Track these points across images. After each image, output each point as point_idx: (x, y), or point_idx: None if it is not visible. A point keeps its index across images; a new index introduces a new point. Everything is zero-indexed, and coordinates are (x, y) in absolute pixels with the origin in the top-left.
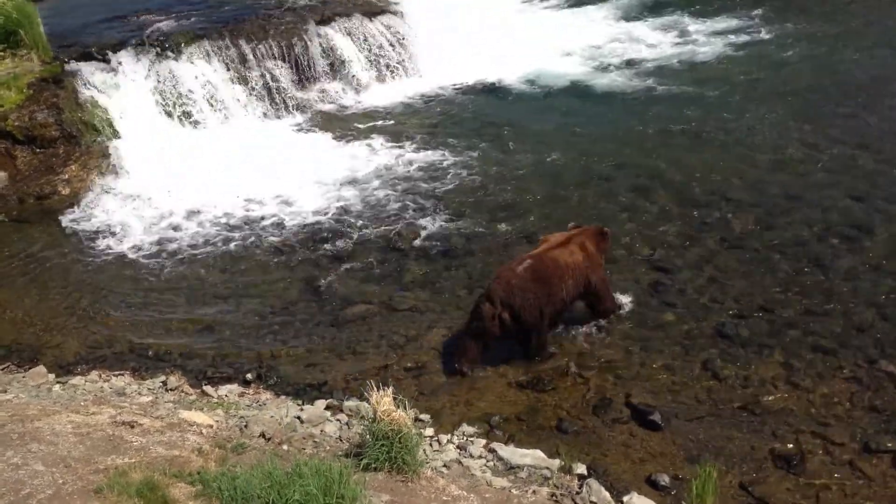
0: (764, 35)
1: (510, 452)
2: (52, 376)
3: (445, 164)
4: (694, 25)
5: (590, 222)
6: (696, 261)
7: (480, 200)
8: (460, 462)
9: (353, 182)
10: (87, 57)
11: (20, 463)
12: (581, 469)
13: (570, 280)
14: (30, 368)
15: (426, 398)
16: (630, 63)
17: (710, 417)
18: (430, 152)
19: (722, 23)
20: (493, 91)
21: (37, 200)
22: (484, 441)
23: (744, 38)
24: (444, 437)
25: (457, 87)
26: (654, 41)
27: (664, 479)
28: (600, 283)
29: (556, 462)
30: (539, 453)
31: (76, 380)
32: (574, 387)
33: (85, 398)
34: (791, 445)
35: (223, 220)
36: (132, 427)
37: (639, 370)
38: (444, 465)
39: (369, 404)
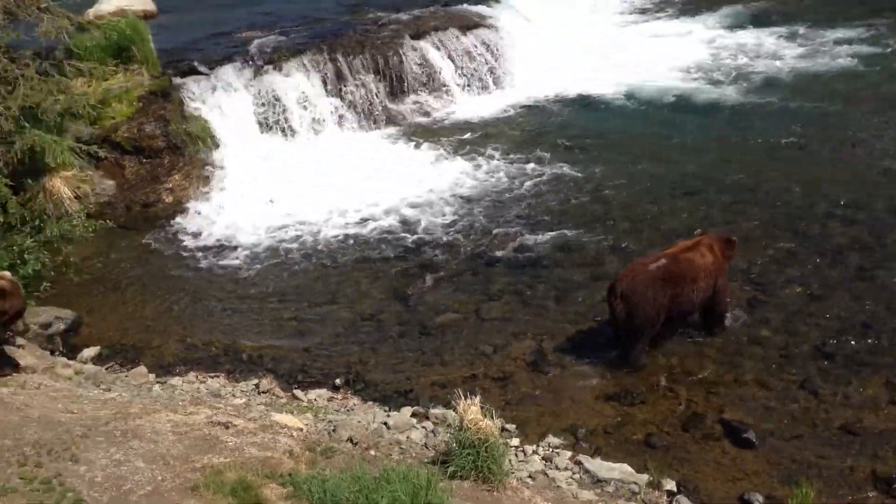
0: (888, 46)
1: (597, 465)
2: (152, 376)
3: (536, 175)
4: (809, 36)
5: (684, 237)
6: (796, 276)
7: (570, 212)
8: (546, 473)
9: (442, 192)
10: (192, 71)
11: (122, 459)
12: (670, 485)
13: (702, 282)
14: (132, 368)
15: (512, 408)
16: (737, 75)
17: (807, 437)
18: (520, 164)
19: (839, 33)
20: (589, 104)
21: (142, 208)
22: (570, 453)
23: (864, 48)
24: (529, 448)
25: (551, 99)
26: (763, 52)
27: (758, 499)
28: (724, 287)
29: (645, 477)
30: (627, 467)
31: (175, 380)
32: (664, 401)
33: (183, 398)
34: (894, 467)
35: (316, 229)
36: (227, 427)
37: (732, 386)
38: (530, 476)
39: (456, 412)
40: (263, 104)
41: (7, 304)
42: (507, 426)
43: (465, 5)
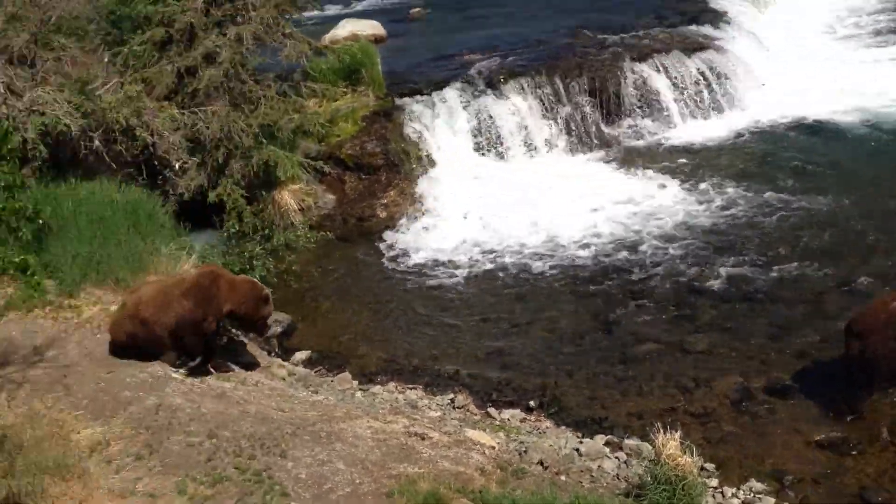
0: None
1: None
2: (355, 383)
3: (756, 204)
4: None
5: None
6: None
7: (794, 244)
8: None
9: (652, 218)
10: (413, 93)
11: (325, 459)
12: None
13: None
14: (337, 374)
15: (712, 447)
16: None
17: None
18: (740, 192)
19: None
20: (821, 130)
21: (357, 221)
22: (773, 500)
23: None
24: (728, 491)
25: (780, 124)
26: None
27: None
28: None
29: None
30: None
31: (376, 388)
32: (885, 454)
33: (382, 407)
34: None
35: (522, 251)
36: (423, 439)
37: None
38: None
39: (652, 446)
40: (480, 125)
41: (266, 310)
42: (706, 465)
43: (692, 26)
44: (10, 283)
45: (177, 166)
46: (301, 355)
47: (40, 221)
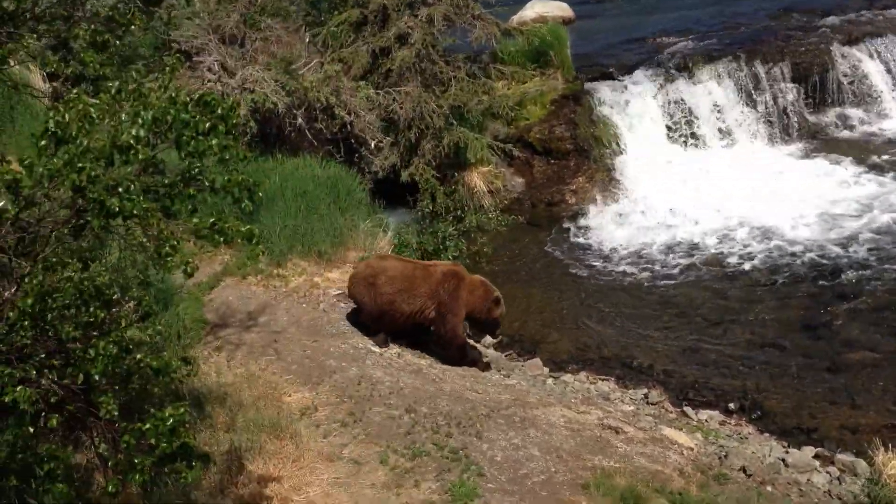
0: None
1: None
2: (546, 370)
3: None
4: None
5: None
6: None
7: None
8: None
9: (864, 216)
10: (603, 76)
11: (520, 444)
12: None
13: None
14: (528, 359)
15: None
16: None
17: None
18: None
19: None
20: None
21: (546, 206)
22: None
23: None
24: None
25: None
26: None
27: None
28: None
29: None
30: None
31: (566, 377)
32: None
33: (574, 396)
34: None
35: (718, 244)
36: (617, 433)
37: None
38: None
39: (870, 463)
40: (672, 111)
41: (498, 312)
42: None
43: None
44: (225, 251)
45: (372, 145)
46: (492, 339)
47: (259, 194)
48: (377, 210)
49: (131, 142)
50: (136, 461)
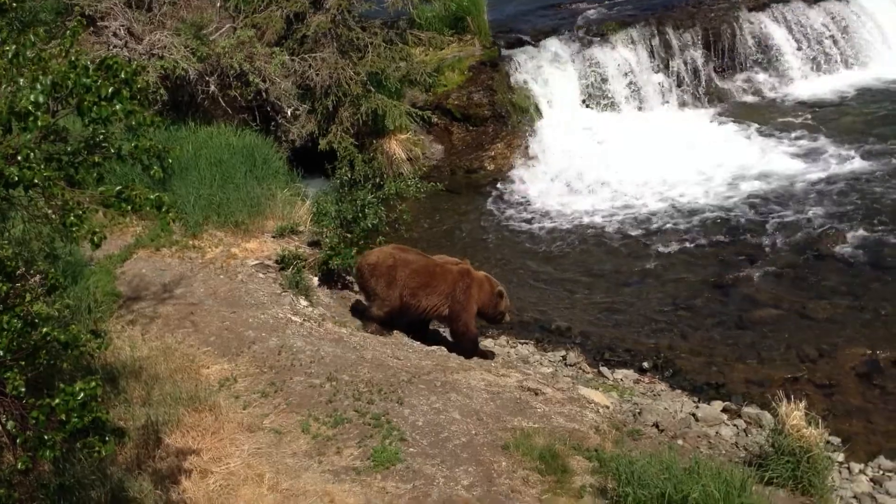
0: None
1: None
2: None
3: (882, 167)
4: None
5: None
6: None
7: None
8: (874, 497)
9: (767, 178)
10: (519, 43)
11: (441, 408)
12: None
13: None
14: None
15: (837, 420)
16: None
17: None
18: (863, 153)
19: None
20: None
21: (465, 173)
22: None
23: None
24: (855, 466)
25: None
26: None
27: None
28: None
29: None
30: None
31: (487, 342)
32: None
33: (495, 360)
34: None
35: (633, 208)
36: (536, 394)
37: None
38: (855, 497)
39: (774, 415)
40: (588, 77)
41: (503, 305)
42: (831, 439)
43: None
44: (138, 223)
45: (288, 113)
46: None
47: (169, 161)
48: (295, 179)
49: (30, 108)
50: (45, 437)
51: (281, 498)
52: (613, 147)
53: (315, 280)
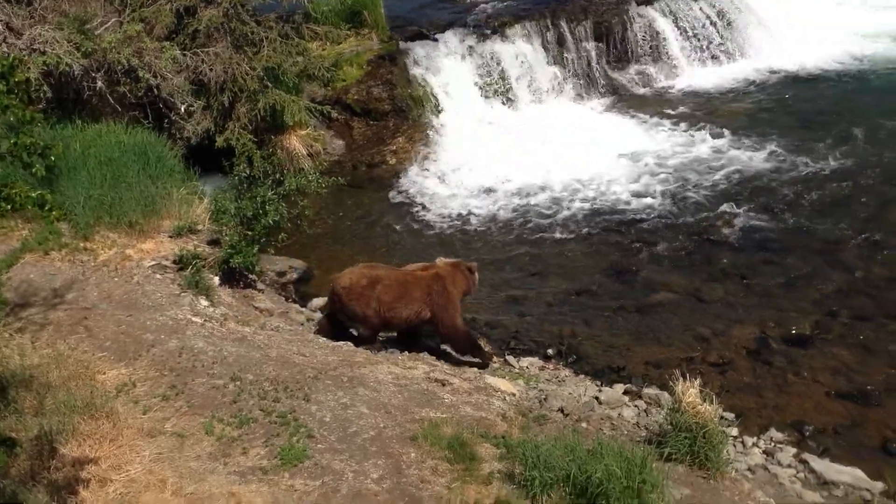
0: None
1: (825, 466)
2: None
3: (763, 154)
4: None
5: None
6: None
7: (804, 195)
8: (766, 468)
9: (661, 167)
10: (418, 36)
11: (348, 403)
12: None
13: None
14: None
15: (731, 396)
16: None
17: None
18: (746, 141)
19: None
20: (826, 79)
21: (367, 168)
22: (794, 450)
23: None
24: (749, 440)
25: (786, 72)
26: None
27: None
28: None
29: (879, 485)
30: (859, 472)
31: (393, 334)
32: None
33: (403, 352)
34: None
35: (533, 198)
36: (443, 385)
37: None
38: (749, 469)
39: (672, 394)
40: (485, 70)
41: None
42: (726, 414)
43: None
44: (24, 226)
45: (182, 109)
46: (318, 301)
47: (52, 158)
48: (192, 177)
49: None
50: None
51: (185, 502)
52: (512, 139)
53: (216, 279)
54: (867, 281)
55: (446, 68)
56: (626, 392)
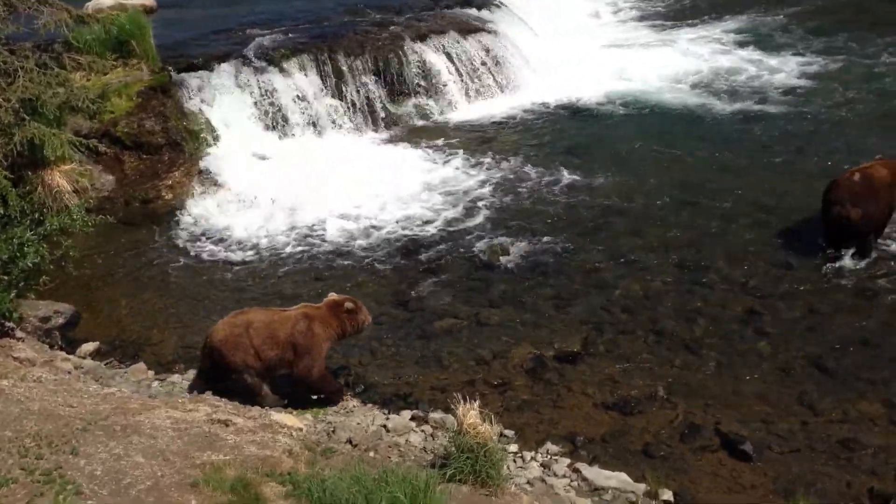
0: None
1: (595, 473)
2: (151, 373)
3: (532, 183)
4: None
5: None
6: (794, 290)
7: (569, 219)
8: (544, 480)
9: (440, 197)
10: (192, 68)
11: (122, 454)
12: (667, 495)
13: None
14: (131, 364)
15: (510, 414)
16: (731, 86)
17: (804, 451)
18: (517, 170)
19: (826, 43)
20: (586, 112)
21: (142, 204)
22: (568, 460)
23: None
24: (528, 454)
25: (553, 105)
26: (753, 65)
27: None
28: None
29: (642, 487)
30: (624, 476)
31: (174, 377)
32: (662, 411)
33: (182, 395)
34: (891, 484)
35: (314, 230)
36: (227, 425)
37: (730, 398)
38: (528, 483)
39: (455, 417)
40: (263, 103)
41: (361, 316)
42: (506, 432)
43: (465, 9)
44: None
45: None
46: (88, 347)
47: None
48: None
49: None
50: None
51: None
52: (292, 172)
53: None
54: (626, 296)
55: (223, 101)
56: (413, 418)
